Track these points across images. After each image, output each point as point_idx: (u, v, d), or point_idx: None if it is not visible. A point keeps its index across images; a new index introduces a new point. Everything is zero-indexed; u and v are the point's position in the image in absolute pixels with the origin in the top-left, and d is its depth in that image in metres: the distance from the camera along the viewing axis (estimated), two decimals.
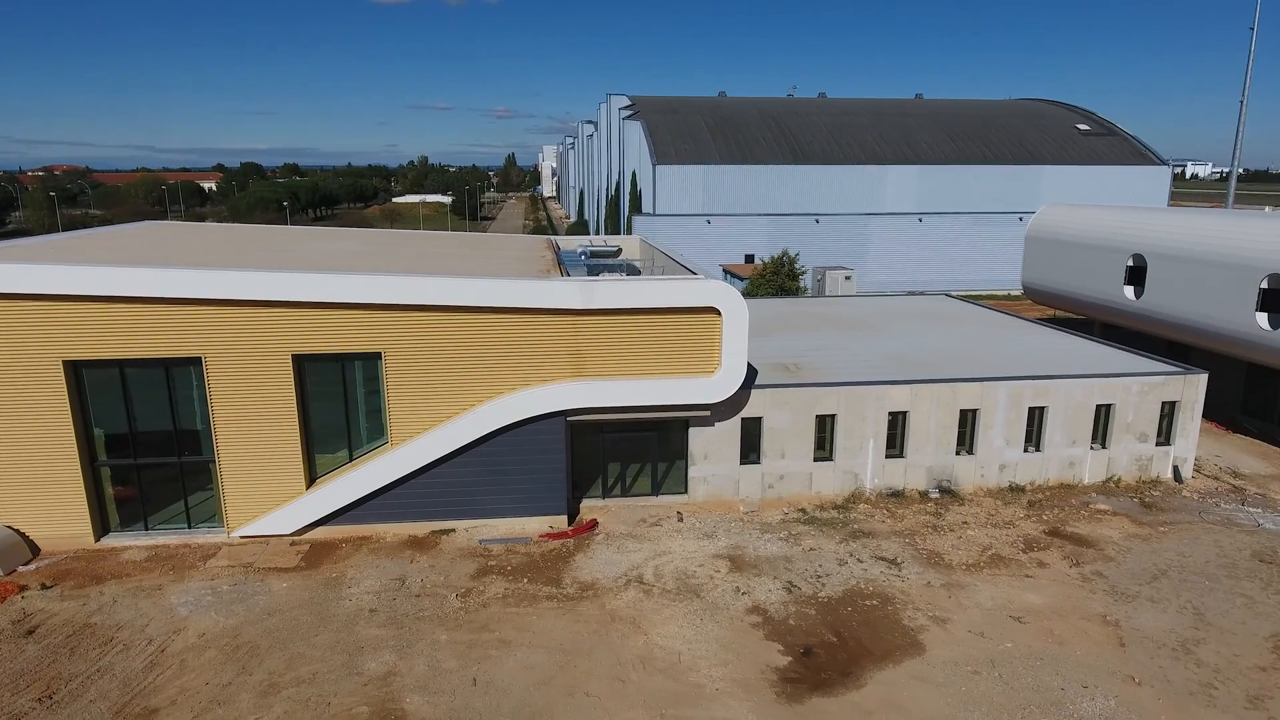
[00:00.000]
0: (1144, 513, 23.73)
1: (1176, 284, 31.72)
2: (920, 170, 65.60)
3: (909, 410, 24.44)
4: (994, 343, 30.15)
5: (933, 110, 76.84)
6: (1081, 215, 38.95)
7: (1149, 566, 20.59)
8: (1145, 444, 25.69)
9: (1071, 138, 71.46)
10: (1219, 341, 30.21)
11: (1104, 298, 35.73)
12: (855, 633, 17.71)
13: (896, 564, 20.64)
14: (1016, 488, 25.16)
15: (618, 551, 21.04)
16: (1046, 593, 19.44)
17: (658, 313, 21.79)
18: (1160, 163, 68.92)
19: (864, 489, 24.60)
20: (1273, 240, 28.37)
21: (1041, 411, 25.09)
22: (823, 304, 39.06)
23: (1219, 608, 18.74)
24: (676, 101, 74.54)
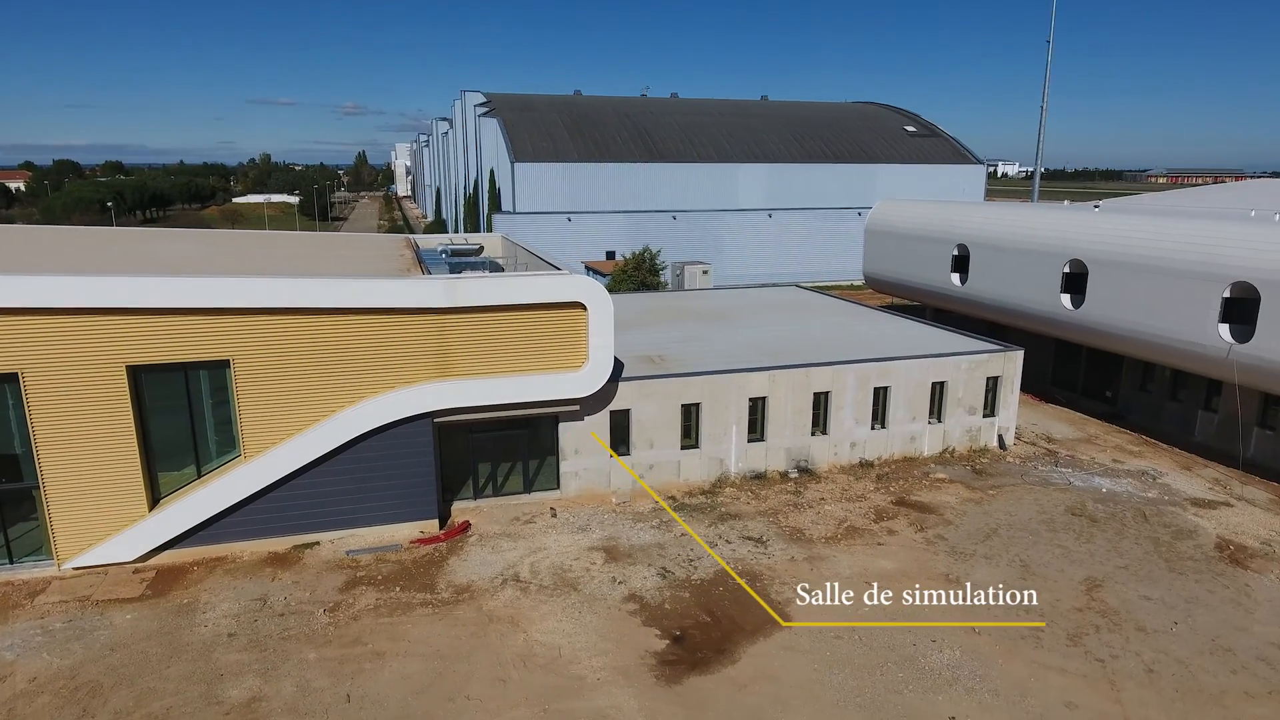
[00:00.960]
0: (976, 479, 25.78)
1: (995, 271, 34.60)
2: (769, 169, 68.23)
3: (768, 396, 25.40)
4: (841, 329, 31.82)
5: (778, 112, 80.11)
6: (912, 210, 41.75)
7: (982, 527, 22.40)
8: (974, 416, 27.91)
9: (901, 138, 76.42)
10: (1032, 321, 33.23)
11: (934, 285, 38.48)
12: (727, 611, 18.26)
13: (762, 542, 21.43)
14: (866, 463, 26.71)
15: (492, 552, 20.70)
16: (897, 558, 20.77)
17: (524, 309, 21.58)
18: (977, 162, 74.93)
19: (729, 473, 25.38)
20: (1073, 230, 31.47)
21: (885, 391, 26.73)
22: (683, 298, 39.92)
23: (1041, 559, 20.65)
24: (533, 99, 73.95)
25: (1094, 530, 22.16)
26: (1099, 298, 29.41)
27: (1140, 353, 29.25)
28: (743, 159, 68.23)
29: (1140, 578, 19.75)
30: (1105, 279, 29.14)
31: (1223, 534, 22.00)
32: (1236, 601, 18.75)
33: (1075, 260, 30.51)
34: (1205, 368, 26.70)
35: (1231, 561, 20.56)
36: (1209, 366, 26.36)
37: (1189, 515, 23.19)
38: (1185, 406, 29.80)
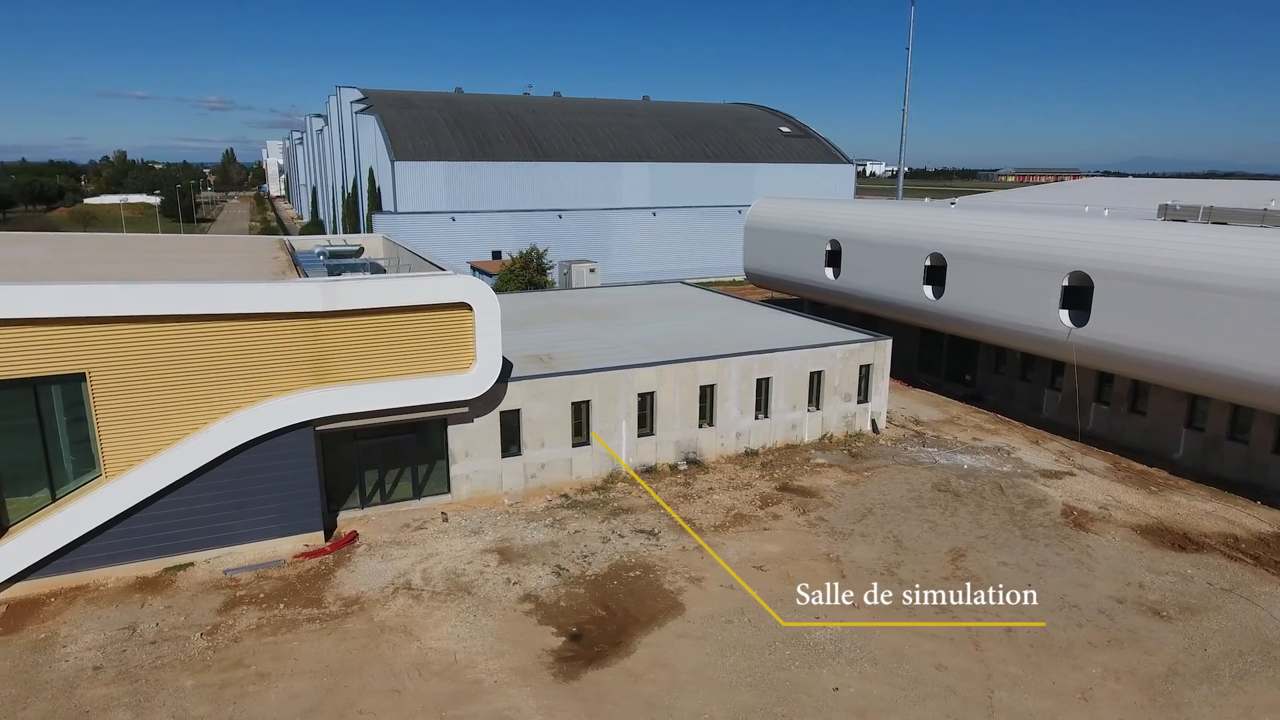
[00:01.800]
0: (852, 462, 27.04)
1: (865, 264, 36.32)
2: (652, 167, 68.98)
3: (656, 390, 25.76)
4: (725, 324, 32.61)
5: (660, 112, 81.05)
6: (788, 207, 43.22)
7: (859, 507, 23.53)
8: (849, 403, 29.25)
9: (776, 139, 78.88)
10: (898, 311, 35.10)
11: (810, 279, 40.00)
12: (622, 604, 18.46)
13: (654, 534, 21.75)
14: (751, 452, 27.53)
15: (382, 561, 20.12)
16: (782, 541, 21.54)
17: (407, 311, 21.04)
18: (847, 161, 78.28)
19: (620, 469, 25.60)
20: (933, 226, 33.42)
21: (768, 382, 27.62)
22: (571, 296, 39.88)
23: (912, 533, 21.90)
24: (412, 96, 71.90)
25: (958, 504, 23.68)
26: (957, 288, 31.38)
27: (994, 338, 31.43)
28: (627, 158, 68.70)
29: (998, 545, 21.26)
30: (962, 271, 31.12)
31: (1067, 501, 23.97)
32: (1080, 562, 20.47)
33: (935, 254, 32.42)
34: (1049, 350, 28.97)
35: (1075, 526, 22.44)
36: (1052, 349, 28.63)
37: (1039, 486, 25.12)
38: (1034, 386, 32.25)
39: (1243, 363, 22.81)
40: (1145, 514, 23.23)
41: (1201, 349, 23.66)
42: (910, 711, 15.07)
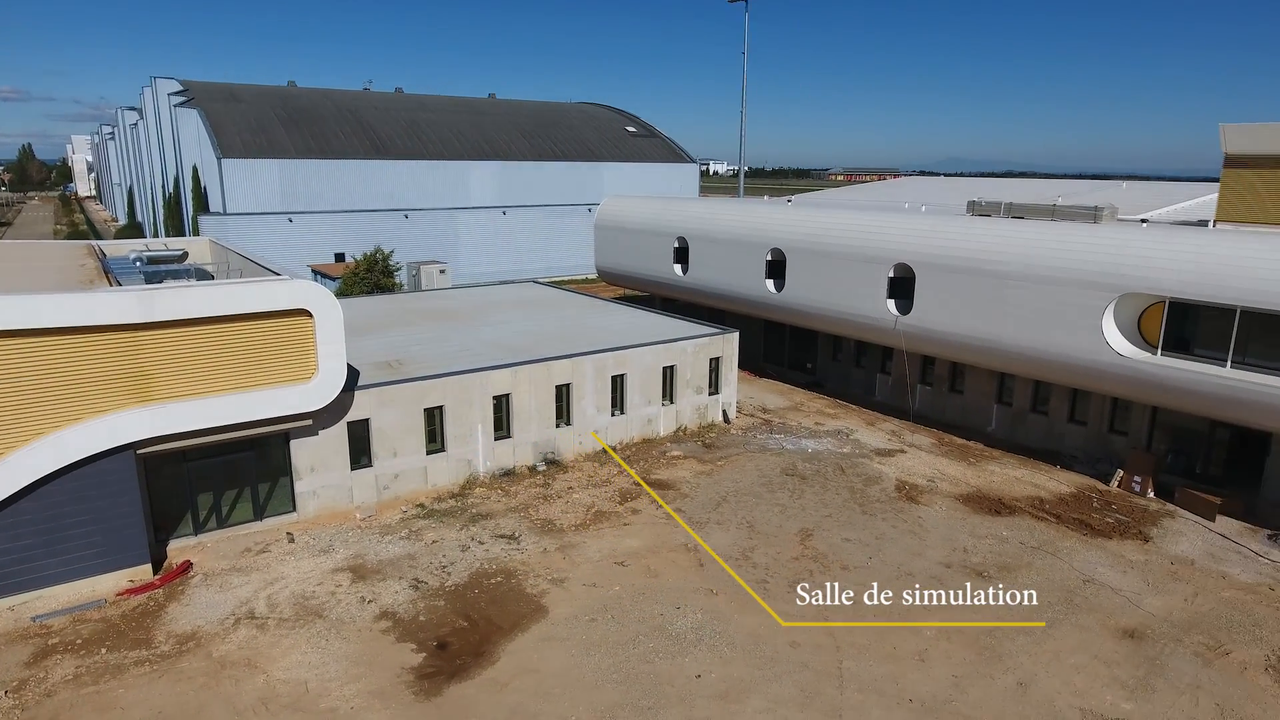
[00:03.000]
0: (706, 452, 27.69)
1: (711, 260, 37.29)
2: (500, 166, 67.74)
3: (511, 392, 25.28)
4: (578, 322, 32.49)
5: (506, 110, 79.70)
6: (637, 205, 43.67)
7: (713, 496, 24.11)
8: (701, 395, 29.94)
9: (622, 138, 79.56)
10: (744, 305, 36.31)
11: (660, 275, 40.63)
12: (485, 612, 17.96)
13: (515, 538, 21.33)
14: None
15: (220, 591, 18.55)
16: (641, 536, 21.70)
17: (239, 320, 19.45)
18: (691, 161, 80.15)
19: (478, 474, 24.94)
20: (773, 223, 34.77)
21: (622, 379, 27.76)
22: (420, 298, 38.46)
23: (764, 518, 22.69)
24: (239, 89, 66.85)
25: (804, 487, 24.76)
26: (796, 281, 32.82)
27: (830, 328, 33.15)
28: (474, 156, 67.09)
29: (842, 523, 22.42)
30: (800, 265, 32.57)
31: (900, 477, 25.64)
32: (913, 533, 21.94)
33: (776, 249, 33.75)
34: (879, 337, 30.89)
35: (908, 499, 24.02)
36: (882, 336, 30.55)
37: (875, 464, 26.72)
38: (867, 371, 34.31)
39: (1040, 343, 25.22)
40: (966, 484, 25.23)
41: (1007, 332, 25.96)
42: (768, 689, 15.56)
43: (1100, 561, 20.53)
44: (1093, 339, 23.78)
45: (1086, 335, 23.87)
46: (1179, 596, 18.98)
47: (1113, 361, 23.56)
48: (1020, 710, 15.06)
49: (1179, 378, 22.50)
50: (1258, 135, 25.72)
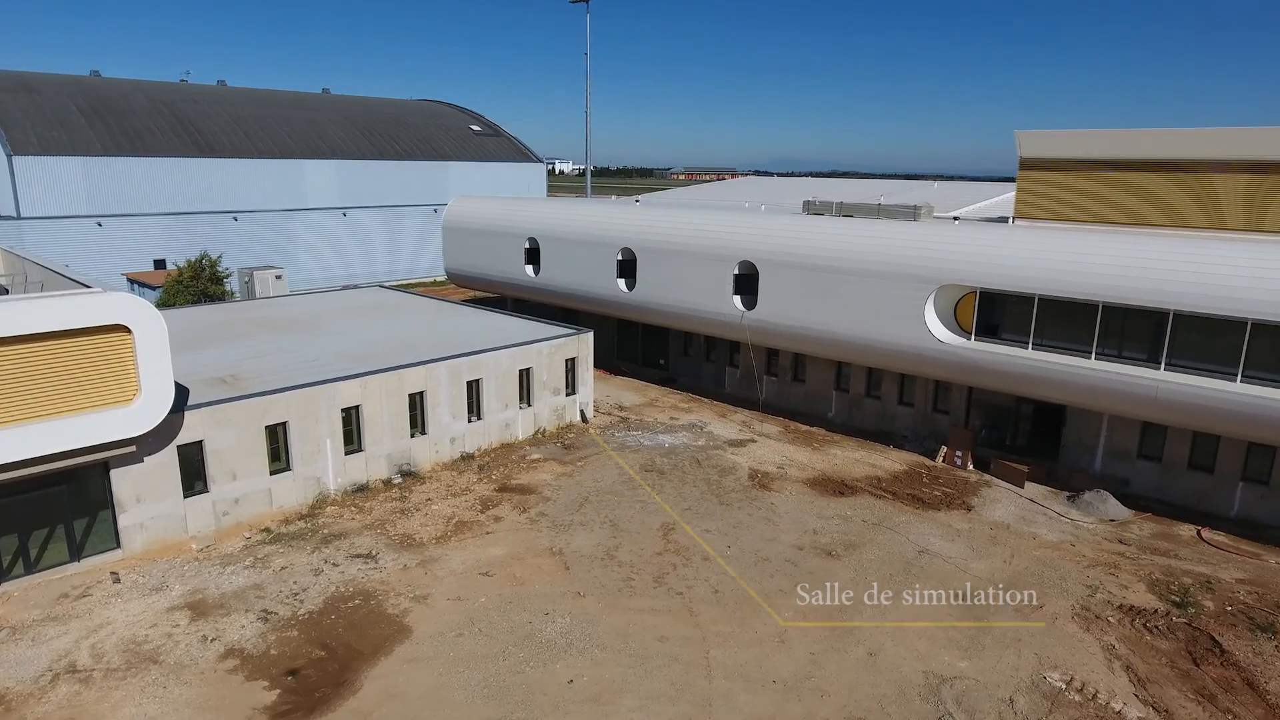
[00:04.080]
0: (566, 454, 27.50)
1: (563, 261, 37.04)
2: (338, 165, 64.18)
3: (361, 404, 23.98)
4: (430, 327, 31.33)
5: (343, 106, 75.57)
6: (486, 206, 42.65)
7: (576, 497, 23.98)
8: (559, 396, 29.69)
9: (468, 137, 77.56)
10: (597, 304, 36.36)
11: (511, 277, 39.92)
12: (343, 639, 16.93)
13: (372, 557, 20.27)
14: (468, 456, 26.80)
15: (33, 644, 16.38)
16: (505, 543, 21.22)
17: (43, 339, 17.23)
18: (538, 160, 79.39)
19: (329, 492, 23.49)
20: (622, 222, 34.99)
21: (478, 383, 27.02)
22: (256, 307, 35.73)
23: (626, 516, 22.80)
24: (32, 78, 59.28)
25: (663, 482, 25.12)
26: (647, 280, 33.22)
27: (681, 324, 33.83)
28: (309, 154, 63.13)
29: (701, 515, 22.92)
30: (650, 264, 32.99)
31: (753, 466, 26.56)
32: (768, 519, 22.78)
33: (626, 249, 34.01)
34: (728, 333, 31.86)
35: (761, 487, 24.93)
36: (729, 331, 31.52)
37: (729, 455, 27.54)
38: (717, 365, 35.32)
39: (871, 333, 26.90)
40: (812, 468, 26.51)
41: (842, 323, 27.49)
42: (640, 686, 15.63)
43: (932, 532, 22.17)
44: (916, 327, 25.64)
45: (911, 324, 25.71)
46: (999, 559, 20.82)
47: (934, 347, 25.51)
48: (871, 679, 15.97)
49: (990, 360, 24.69)
50: (1048, 140, 28.59)
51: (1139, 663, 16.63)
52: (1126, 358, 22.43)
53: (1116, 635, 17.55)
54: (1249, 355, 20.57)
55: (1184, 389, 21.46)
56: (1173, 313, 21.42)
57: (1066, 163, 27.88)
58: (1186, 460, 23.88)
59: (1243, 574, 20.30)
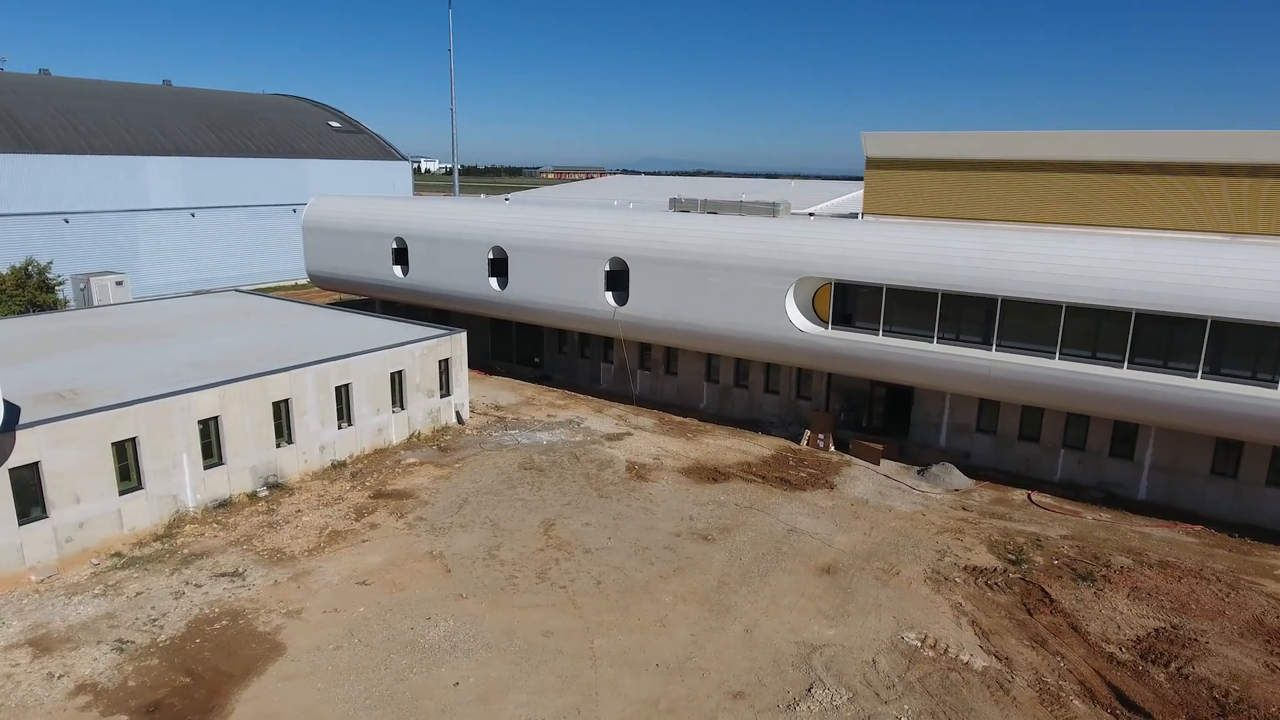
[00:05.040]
0: (442, 456, 26.98)
1: (432, 260, 36.19)
2: (184, 162, 59.66)
3: (221, 415, 22.59)
4: (293, 332, 29.84)
5: (187, 99, 70.24)
6: (349, 205, 40.98)
7: (454, 499, 23.60)
8: (433, 398, 29.06)
9: (326, 134, 74.04)
10: (469, 304, 35.80)
11: (378, 278, 38.61)
12: (210, 663, 15.96)
13: (239, 574, 19.18)
14: (339, 464, 25.79)
15: None
16: (383, 550, 20.62)
17: None
18: (402, 158, 76.89)
19: (187, 509, 22.00)
20: (493, 221, 34.58)
21: (348, 388, 26.03)
22: (94, 316, 32.77)
23: (507, 514, 22.67)
24: None
25: (542, 479, 25.13)
26: (519, 279, 33.03)
27: (555, 322, 33.87)
28: (150, 151, 58.33)
29: (581, 509, 23.12)
30: (522, 262, 32.81)
31: (630, 458, 27.02)
32: (646, 509, 23.27)
33: (497, 247, 33.65)
34: (601, 329, 32.19)
35: (638, 478, 25.41)
36: (603, 327, 31.87)
37: (606, 449, 27.88)
38: (592, 362, 35.61)
39: (737, 324, 27.96)
40: (687, 458, 27.27)
41: (709, 316, 28.41)
42: (527, 682, 15.65)
43: (799, 511, 23.36)
44: (778, 318, 26.88)
45: (773, 315, 26.93)
46: (859, 532, 22.22)
47: (795, 336, 26.84)
48: (749, 653, 16.70)
49: (845, 347, 26.24)
50: (891, 141, 30.62)
51: (982, 617, 18.24)
52: (963, 341, 24.44)
53: (963, 594, 19.15)
54: (1065, 336, 22.92)
55: (1012, 367, 23.64)
56: (1000, 299, 23.54)
57: (908, 162, 29.99)
58: (1017, 432, 26.31)
59: (1066, 530, 22.63)
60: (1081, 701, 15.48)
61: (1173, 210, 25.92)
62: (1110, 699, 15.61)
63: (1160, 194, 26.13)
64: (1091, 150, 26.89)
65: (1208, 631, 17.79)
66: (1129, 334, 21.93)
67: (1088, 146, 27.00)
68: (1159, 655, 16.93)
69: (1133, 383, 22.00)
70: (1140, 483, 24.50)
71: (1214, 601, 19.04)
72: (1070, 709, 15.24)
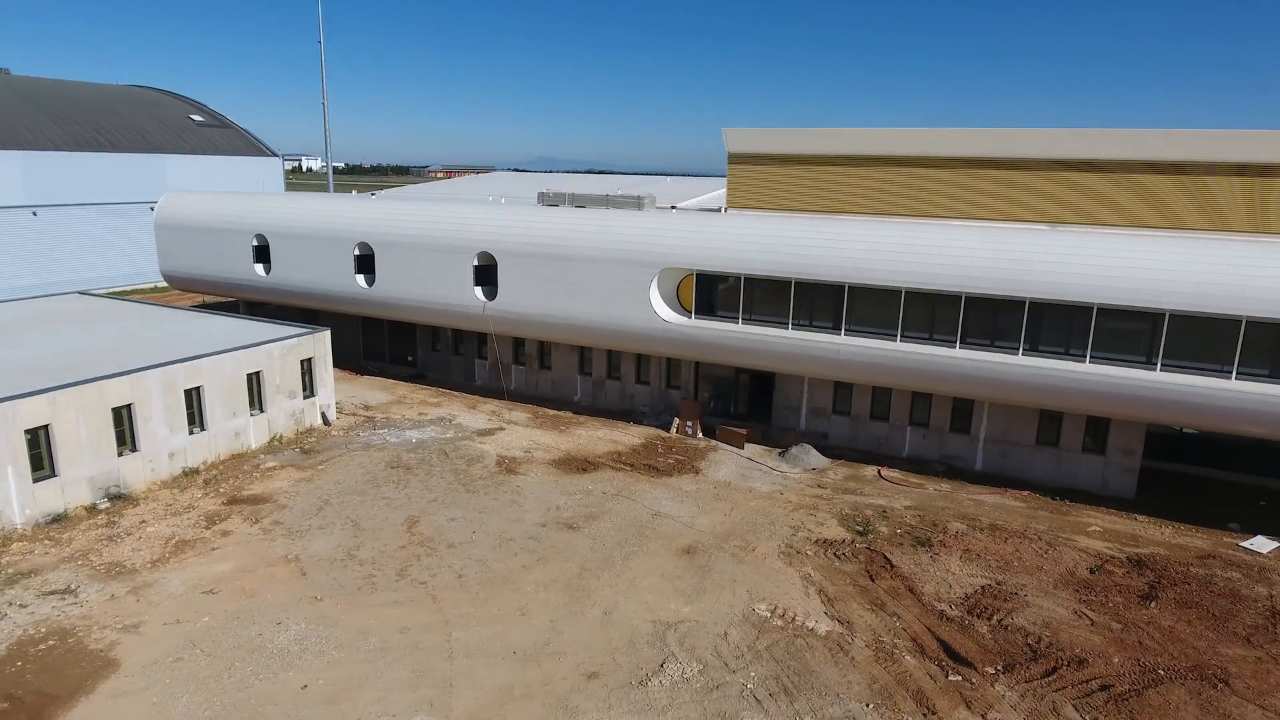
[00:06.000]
0: (305, 459, 26.06)
1: (296, 258, 34.82)
2: (24, 156, 54.90)
3: (51, 423, 21.05)
4: (141, 335, 28.09)
5: (28, 90, 64.62)
6: (205, 202, 38.85)
7: (315, 501, 22.87)
8: (295, 400, 28.00)
9: (188, 128, 69.81)
10: (336, 302, 34.66)
11: (240, 277, 36.82)
12: (33, 685, 14.90)
13: (71, 592, 17.96)
14: (191, 471, 24.50)
15: None
16: (234, 557, 19.77)
17: None
18: (273, 154, 73.40)
19: (14, 525, 20.39)
20: (359, 217, 33.56)
21: (199, 392, 24.76)
22: None
23: (369, 514, 22.17)
24: None
25: (409, 477, 24.69)
26: (387, 275, 32.24)
27: (426, 319, 33.28)
28: None
29: (447, 505, 22.86)
30: (389, 258, 32.05)
31: (500, 453, 26.90)
32: (513, 502, 23.25)
33: (363, 243, 32.72)
34: (473, 324, 31.87)
35: (508, 472, 25.34)
36: (474, 323, 31.57)
37: (477, 444, 27.65)
38: (466, 358, 35.18)
39: (604, 316, 28.30)
40: (558, 450, 27.39)
41: (577, 308, 28.63)
42: (380, 680, 15.39)
43: (665, 497, 23.90)
44: (643, 309, 27.39)
45: (638, 306, 27.42)
46: (720, 513, 22.95)
47: (660, 326, 27.42)
48: (606, 635, 17.00)
49: (709, 335, 27.02)
50: (751, 137, 31.67)
51: (829, 585, 19.22)
52: (816, 326, 25.62)
53: (813, 565, 20.13)
54: (905, 320, 24.40)
55: (858, 350, 24.98)
56: (847, 286, 24.82)
57: (767, 157, 31.12)
58: (869, 412, 27.81)
59: (910, 501, 24.12)
60: (912, 657, 16.58)
61: (999, 201, 28.02)
62: (938, 652, 16.79)
63: (988, 186, 28.19)
64: (930, 146, 28.73)
65: (1027, 585, 19.40)
66: (959, 317, 23.57)
67: (927, 142, 28.81)
68: (984, 609, 18.34)
69: (964, 361, 23.68)
70: (977, 455, 26.40)
71: (1034, 558, 20.77)
72: (902, 664, 16.30)
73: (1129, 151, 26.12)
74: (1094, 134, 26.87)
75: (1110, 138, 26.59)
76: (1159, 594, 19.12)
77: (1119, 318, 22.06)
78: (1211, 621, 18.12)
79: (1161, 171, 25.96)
